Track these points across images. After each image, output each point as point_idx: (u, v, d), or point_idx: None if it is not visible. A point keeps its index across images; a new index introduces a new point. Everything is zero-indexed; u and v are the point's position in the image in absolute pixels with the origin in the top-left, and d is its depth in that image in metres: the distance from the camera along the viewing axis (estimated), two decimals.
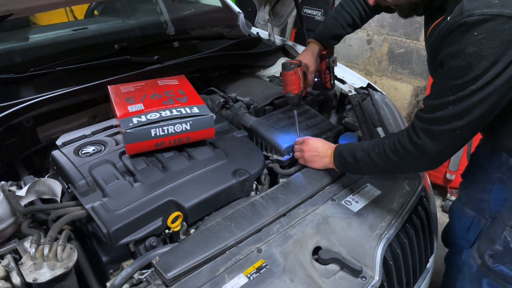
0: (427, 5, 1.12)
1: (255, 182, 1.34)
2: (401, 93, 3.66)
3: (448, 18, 0.96)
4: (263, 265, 1.03)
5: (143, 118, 1.24)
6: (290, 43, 2.25)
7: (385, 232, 1.17)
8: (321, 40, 1.58)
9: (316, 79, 1.63)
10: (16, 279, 1.00)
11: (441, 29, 0.99)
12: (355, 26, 1.57)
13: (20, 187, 1.23)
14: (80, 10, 2.67)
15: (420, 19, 3.47)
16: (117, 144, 1.34)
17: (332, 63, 1.64)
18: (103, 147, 1.33)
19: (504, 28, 0.88)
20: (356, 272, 1.04)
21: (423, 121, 1.04)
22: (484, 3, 0.89)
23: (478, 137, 1.34)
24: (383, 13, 1.54)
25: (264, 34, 2.33)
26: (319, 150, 1.34)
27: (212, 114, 1.30)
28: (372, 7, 1.47)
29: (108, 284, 1.07)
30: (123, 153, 1.30)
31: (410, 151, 1.07)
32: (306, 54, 1.56)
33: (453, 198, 2.69)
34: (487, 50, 0.89)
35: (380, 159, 1.15)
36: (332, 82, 1.66)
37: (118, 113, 1.27)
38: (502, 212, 1.28)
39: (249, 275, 1.00)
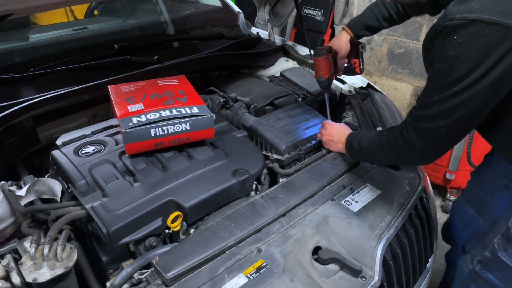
0: (434, 5, 1.13)
1: (255, 182, 1.34)
2: (401, 93, 3.66)
3: (435, 21, 0.99)
4: (263, 265, 1.03)
5: (143, 118, 1.24)
6: (290, 43, 2.25)
7: (385, 232, 1.17)
8: (353, 28, 1.59)
9: (346, 64, 1.67)
10: (16, 279, 1.00)
11: (429, 30, 1.02)
12: (391, 21, 1.53)
13: (20, 187, 1.22)
14: (80, 10, 2.67)
15: (420, 19, 3.47)
16: (117, 144, 1.34)
17: (361, 49, 1.67)
18: (103, 147, 1.33)
19: (484, 34, 0.89)
20: (356, 272, 1.04)
21: (413, 118, 1.09)
22: (466, 7, 0.91)
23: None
24: None
25: (264, 34, 2.33)
26: (333, 136, 1.41)
27: (212, 114, 1.30)
28: (399, 15, 1.47)
29: (108, 284, 1.07)
30: (123, 153, 1.30)
31: (400, 145, 1.13)
32: (337, 40, 1.59)
33: (453, 198, 2.69)
34: (466, 54, 0.91)
35: (379, 149, 1.21)
36: (361, 67, 1.70)
37: (118, 113, 1.27)
38: (500, 219, 1.28)
39: (249, 275, 1.00)
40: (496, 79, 0.92)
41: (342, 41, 1.57)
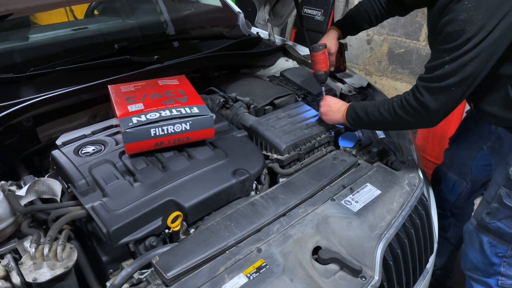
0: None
1: (255, 182, 1.34)
2: (400, 93, 3.66)
3: None
4: (263, 265, 1.03)
5: (143, 118, 1.24)
6: (290, 43, 2.25)
7: (385, 232, 1.17)
8: (341, 28, 1.72)
9: None
10: (16, 279, 1.00)
11: (438, 5, 1.19)
12: (371, 23, 1.70)
13: (20, 187, 1.22)
14: (80, 10, 2.66)
15: (420, 19, 3.46)
16: (117, 143, 1.34)
17: (345, 48, 1.84)
18: (103, 146, 1.33)
19: None
20: (356, 272, 1.04)
21: (424, 80, 1.22)
22: None
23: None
24: None
25: (264, 34, 2.33)
26: (332, 106, 1.50)
27: (212, 114, 1.30)
28: (386, 9, 1.64)
29: (108, 284, 1.07)
30: (123, 152, 1.30)
31: (414, 107, 1.24)
32: (328, 38, 1.70)
33: None
34: (475, 16, 1.08)
35: (389, 114, 1.30)
36: (344, 65, 1.88)
37: (118, 113, 1.27)
38: (494, 177, 1.45)
39: (249, 275, 1.00)
40: (498, 37, 1.09)
41: (332, 38, 1.70)
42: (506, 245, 1.42)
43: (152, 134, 1.23)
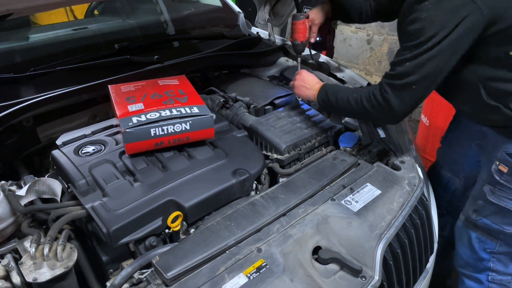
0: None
1: (255, 181, 1.34)
2: None
3: None
4: (263, 264, 1.03)
5: (143, 118, 1.24)
6: (290, 43, 2.25)
7: (385, 232, 1.17)
8: (334, 6, 1.72)
9: (318, 38, 1.79)
10: (16, 279, 1.00)
11: (405, 4, 1.26)
12: (359, 18, 1.73)
13: (20, 187, 1.22)
14: (80, 10, 2.66)
15: None
16: (117, 143, 1.34)
17: (333, 26, 1.85)
18: (103, 146, 1.33)
19: (446, 0, 1.12)
20: (356, 272, 1.04)
21: (387, 77, 1.26)
22: None
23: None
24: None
25: (264, 34, 2.33)
26: (306, 82, 1.51)
27: (212, 114, 1.30)
28: (374, 11, 1.68)
29: (108, 284, 1.07)
30: (123, 152, 1.30)
31: (380, 102, 1.27)
32: (316, 10, 1.70)
33: None
34: (435, 17, 1.13)
35: (356, 104, 1.33)
36: (331, 43, 1.87)
37: (118, 113, 1.27)
38: (480, 173, 1.48)
39: (249, 275, 1.00)
40: (457, 38, 1.13)
41: (321, 11, 1.70)
42: (495, 241, 1.45)
43: (152, 134, 1.23)
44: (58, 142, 1.33)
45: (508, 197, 1.37)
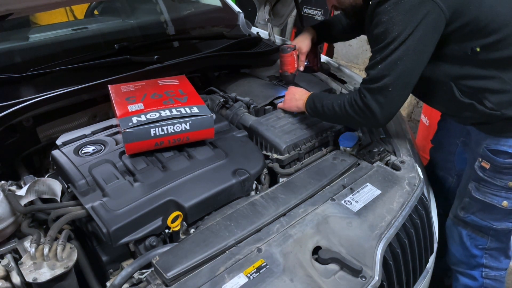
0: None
1: (255, 181, 1.34)
2: None
3: (370, 2, 1.27)
4: (263, 264, 1.03)
5: (143, 118, 1.24)
6: (290, 43, 2.25)
7: (385, 232, 1.17)
8: (318, 31, 1.78)
9: (306, 63, 1.83)
10: (16, 279, 1.00)
11: (368, 10, 1.29)
12: (345, 35, 1.82)
13: (20, 187, 1.22)
14: (80, 10, 2.66)
15: None
16: (117, 143, 1.34)
17: (319, 50, 1.90)
18: (103, 146, 1.33)
19: (405, 1, 1.15)
20: (356, 272, 1.04)
21: (364, 82, 1.28)
22: None
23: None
24: None
25: (264, 34, 2.33)
26: (296, 94, 1.56)
27: (211, 114, 1.30)
28: (350, 27, 1.74)
29: (108, 284, 1.07)
30: (123, 152, 1.30)
31: (361, 107, 1.29)
32: (302, 38, 1.75)
33: None
34: (396, 17, 1.17)
35: (340, 110, 1.35)
36: (318, 65, 1.92)
37: (118, 113, 1.27)
38: (465, 170, 1.51)
39: (249, 275, 1.00)
40: (422, 35, 1.16)
41: (306, 39, 1.74)
42: (486, 237, 1.48)
43: (152, 134, 1.23)
44: (58, 142, 1.33)
45: (492, 193, 1.39)
